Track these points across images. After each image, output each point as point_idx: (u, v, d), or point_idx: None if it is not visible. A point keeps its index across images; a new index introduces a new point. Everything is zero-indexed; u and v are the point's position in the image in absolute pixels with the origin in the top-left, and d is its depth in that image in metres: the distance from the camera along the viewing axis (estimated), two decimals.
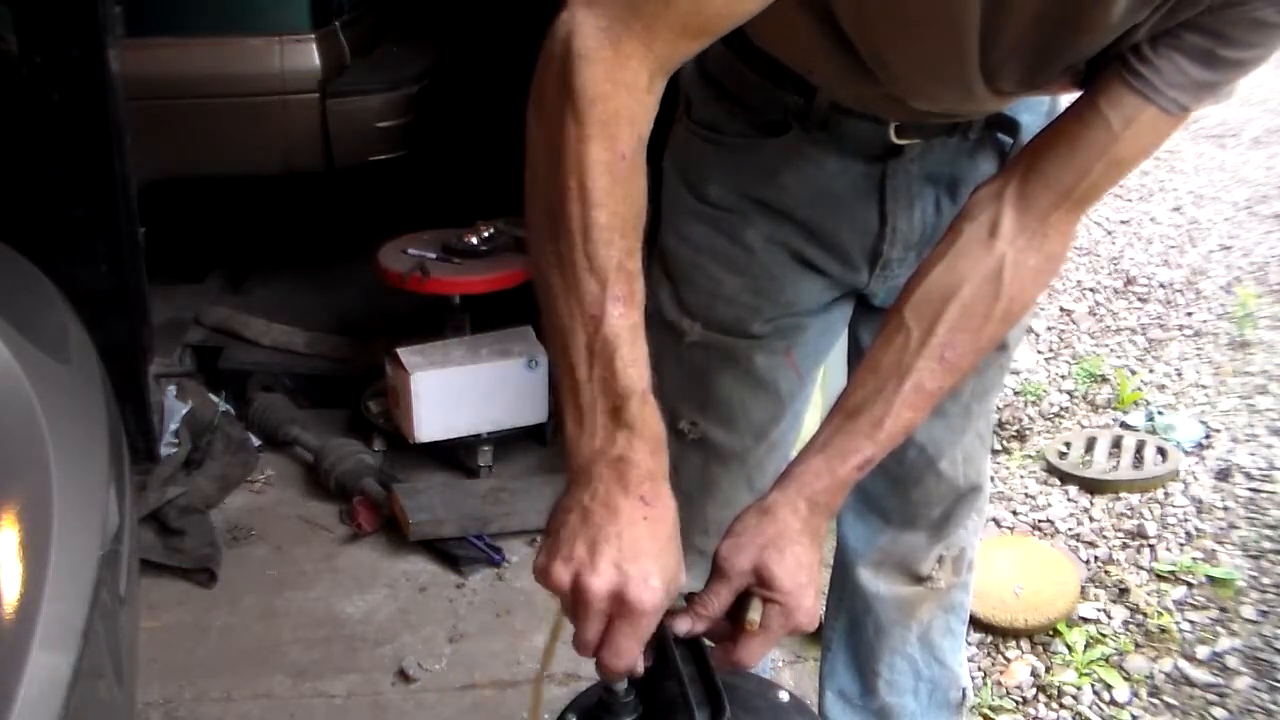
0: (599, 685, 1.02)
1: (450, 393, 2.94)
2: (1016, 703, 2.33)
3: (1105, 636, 2.48)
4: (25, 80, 2.65)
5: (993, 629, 2.49)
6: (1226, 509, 2.90)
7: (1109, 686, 2.34)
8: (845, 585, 1.70)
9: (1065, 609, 2.51)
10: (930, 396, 1.15)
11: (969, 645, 2.36)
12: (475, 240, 3.17)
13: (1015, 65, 1.14)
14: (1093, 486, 3.01)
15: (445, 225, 3.28)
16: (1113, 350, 3.78)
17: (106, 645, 1.23)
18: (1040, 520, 2.90)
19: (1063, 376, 3.62)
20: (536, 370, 2.97)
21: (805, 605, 1.10)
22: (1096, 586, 2.65)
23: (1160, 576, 2.67)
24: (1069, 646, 2.44)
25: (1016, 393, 3.49)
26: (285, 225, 4.10)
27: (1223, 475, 3.04)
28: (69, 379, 1.52)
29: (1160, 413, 3.33)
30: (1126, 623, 2.53)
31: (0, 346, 1.34)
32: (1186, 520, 2.86)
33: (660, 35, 0.96)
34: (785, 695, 1.10)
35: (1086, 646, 2.45)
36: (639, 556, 0.94)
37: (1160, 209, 4.97)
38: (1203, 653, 2.42)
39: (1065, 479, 3.06)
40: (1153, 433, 3.22)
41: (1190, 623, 2.51)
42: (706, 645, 1.07)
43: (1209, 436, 3.22)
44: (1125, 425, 3.30)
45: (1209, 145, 5.65)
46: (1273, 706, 2.27)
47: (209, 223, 3.97)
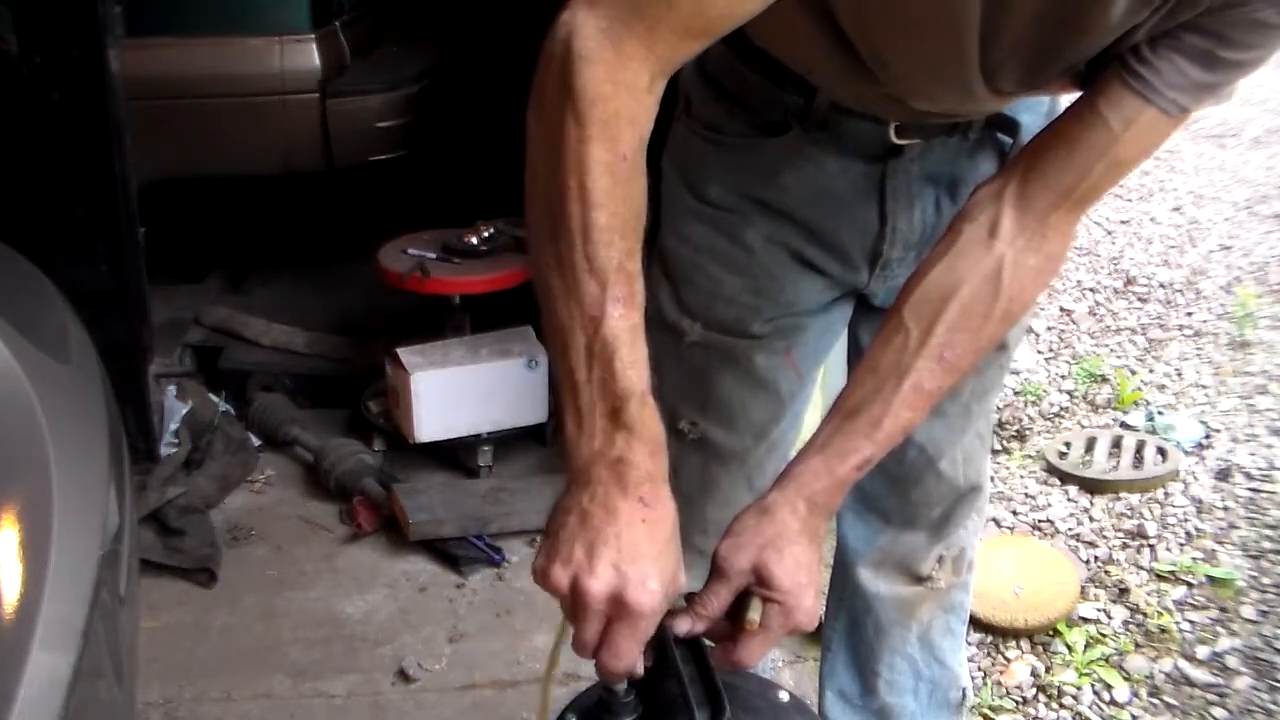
0: (599, 685, 1.02)
1: (450, 393, 2.94)
2: (1016, 703, 2.33)
3: (1105, 636, 2.48)
4: (25, 80, 2.65)
5: (993, 629, 2.48)
6: (1226, 509, 2.90)
7: (1109, 686, 2.34)
8: (845, 585, 1.70)
9: (1065, 609, 2.51)
10: (929, 396, 1.15)
11: (969, 645, 2.36)
12: (475, 240, 3.17)
13: (1015, 65, 1.14)
14: (1093, 486, 3.01)
15: (445, 225, 3.28)
16: (1113, 350, 3.78)
17: (106, 645, 1.23)
18: (1040, 520, 2.90)
19: (1063, 376, 3.62)
20: (536, 370, 2.97)
21: (805, 605, 1.10)
22: (1096, 586, 2.65)
23: (1160, 576, 2.67)
24: (1069, 646, 2.44)
25: (1016, 393, 3.49)
26: (285, 225, 4.10)
27: (1223, 475, 3.04)
28: (69, 379, 1.52)
29: (1160, 413, 3.33)
30: (1126, 623, 2.53)
31: (0, 346, 1.35)
32: (1186, 520, 2.86)
33: (662, 36, 0.96)
34: (785, 695, 1.10)
35: (1086, 646, 2.45)
36: (637, 558, 0.94)
37: (1160, 209, 4.97)
38: (1203, 653, 2.42)
39: (1065, 479, 3.06)
40: (1153, 433, 3.22)
41: (1190, 623, 2.51)
42: (706, 645, 1.07)
43: (1209, 436, 3.22)
44: (1125, 425, 3.30)
45: (1209, 145, 5.65)
46: (1273, 706, 2.27)
47: (209, 223, 3.97)
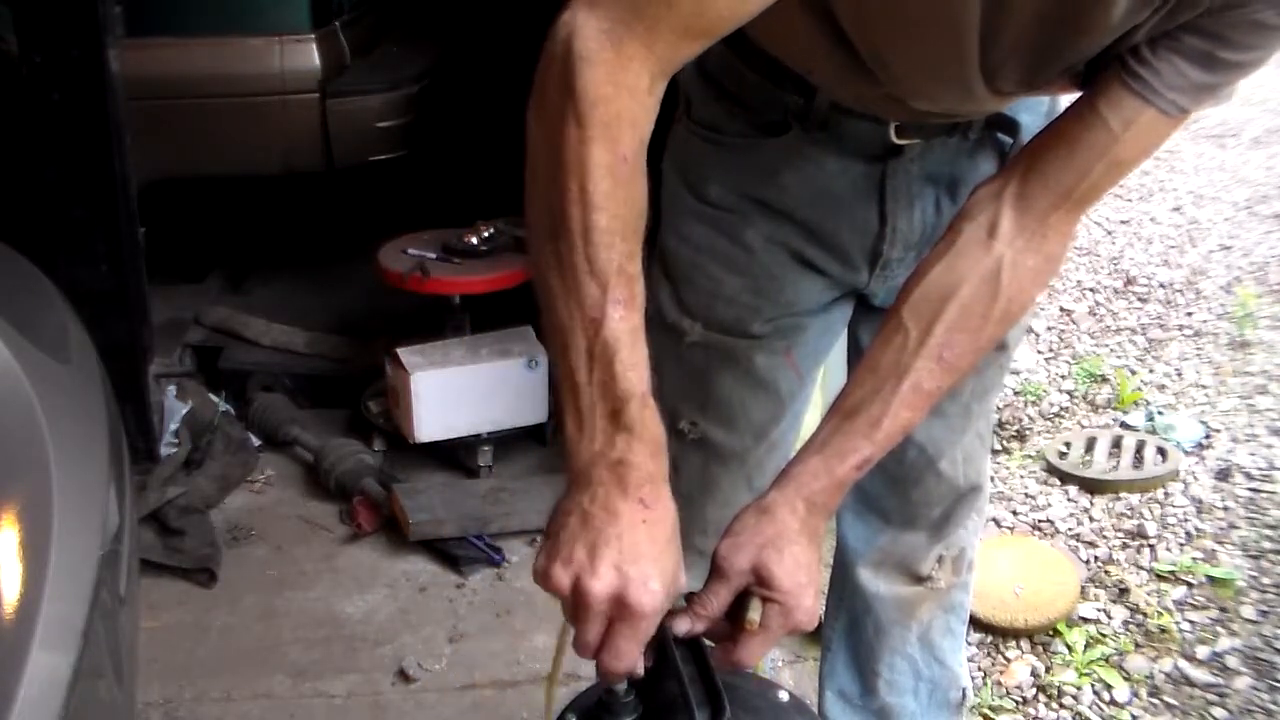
0: (599, 685, 1.02)
1: (450, 393, 2.94)
2: (1016, 703, 2.33)
3: (1105, 636, 2.48)
4: (25, 80, 2.65)
5: (993, 629, 2.49)
6: (1226, 509, 2.90)
7: (1109, 686, 2.34)
8: (845, 585, 1.70)
9: (1065, 609, 2.51)
10: (928, 396, 1.15)
11: (969, 645, 2.36)
12: (475, 240, 3.17)
13: (1015, 65, 1.14)
14: (1093, 486, 3.01)
15: (445, 225, 3.28)
16: (1113, 350, 3.78)
17: (106, 645, 1.23)
18: (1040, 520, 2.90)
19: (1063, 376, 3.62)
20: (536, 370, 2.97)
21: (804, 604, 1.10)
22: (1096, 586, 2.65)
23: (1160, 576, 2.67)
24: (1069, 646, 2.44)
25: (1016, 393, 3.49)
26: (285, 225, 4.10)
27: (1223, 475, 3.04)
28: (69, 379, 1.52)
29: (1160, 413, 3.33)
30: (1126, 623, 2.53)
31: (0, 346, 1.35)
32: (1186, 520, 2.86)
33: (662, 37, 0.96)
34: (785, 695, 1.10)
35: (1086, 646, 2.45)
36: (639, 559, 0.94)
37: (1160, 209, 4.97)
38: (1203, 653, 2.42)
39: (1065, 479, 3.06)
40: (1153, 433, 3.22)
41: (1190, 623, 2.51)
42: (706, 645, 1.07)
43: (1209, 436, 3.22)
44: (1125, 425, 3.30)
45: (1209, 145, 5.65)
46: (1273, 706, 2.27)
47: (209, 223, 3.97)
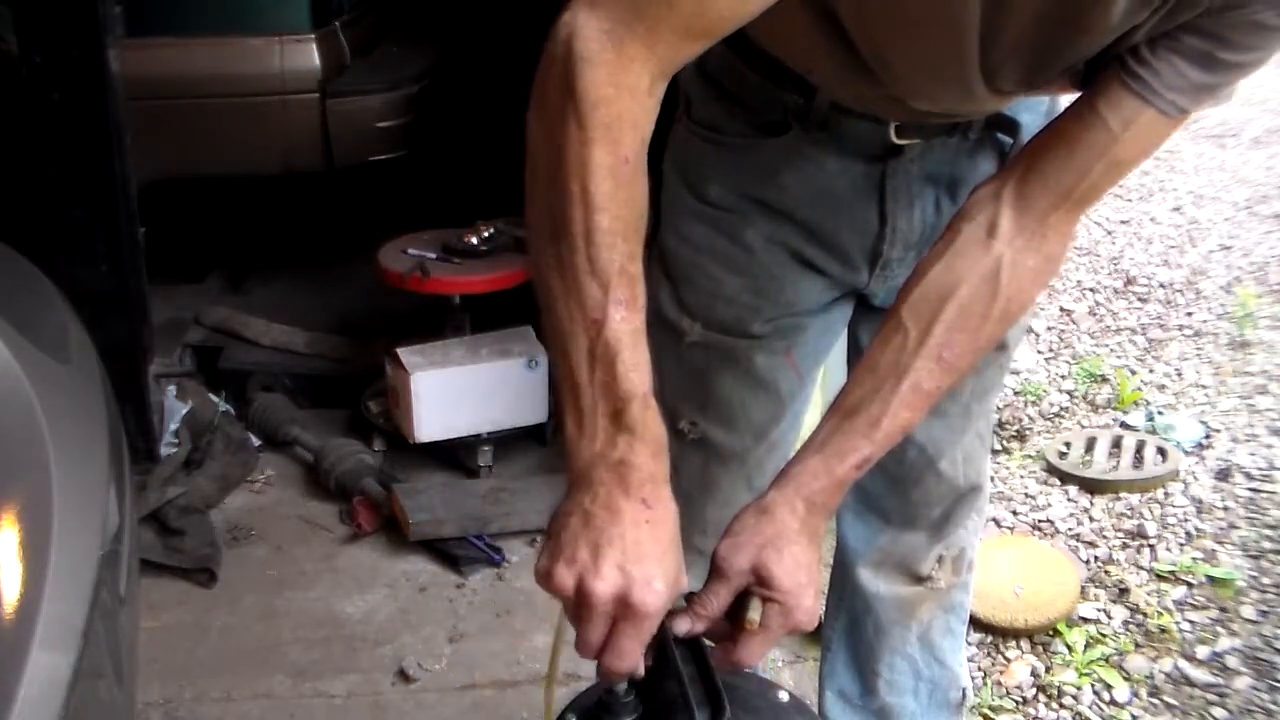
0: (599, 685, 1.02)
1: (450, 393, 2.94)
2: (1016, 703, 2.33)
3: (1105, 636, 2.48)
4: (25, 80, 2.65)
5: (993, 629, 2.49)
6: (1226, 509, 2.90)
7: (1109, 686, 2.34)
8: (845, 585, 1.70)
9: (1065, 609, 2.51)
10: (928, 396, 1.15)
11: (969, 645, 2.36)
12: (475, 240, 3.17)
13: (1015, 65, 1.14)
14: (1093, 486, 3.01)
15: (445, 225, 3.28)
16: (1113, 350, 3.78)
17: (106, 645, 1.23)
18: (1040, 520, 2.90)
19: (1063, 376, 3.62)
20: (536, 370, 2.97)
21: (804, 604, 1.10)
22: (1096, 586, 2.65)
23: (1160, 576, 2.67)
24: (1069, 646, 2.44)
25: (1016, 393, 3.49)
26: (285, 225, 4.10)
27: (1223, 475, 3.04)
28: (69, 379, 1.52)
29: (1160, 413, 3.33)
30: (1126, 623, 2.53)
31: (0, 346, 1.35)
32: (1186, 520, 2.86)
33: (663, 37, 0.96)
34: (785, 695, 1.10)
35: (1086, 646, 2.45)
36: (642, 559, 0.94)
37: (1160, 209, 4.97)
38: (1203, 653, 2.42)
39: (1065, 479, 3.06)
40: (1153, 433, 3.22)
41: (1190, 623, 2.51)
42: (706, 645, 1.07)
43: (1209, 436, 3.22)
44: (1125, 425, 3.30)
45: (1209, 145, 5.65)
46: (1273, 706, 2.27)
47: (209, 223, 3.97)
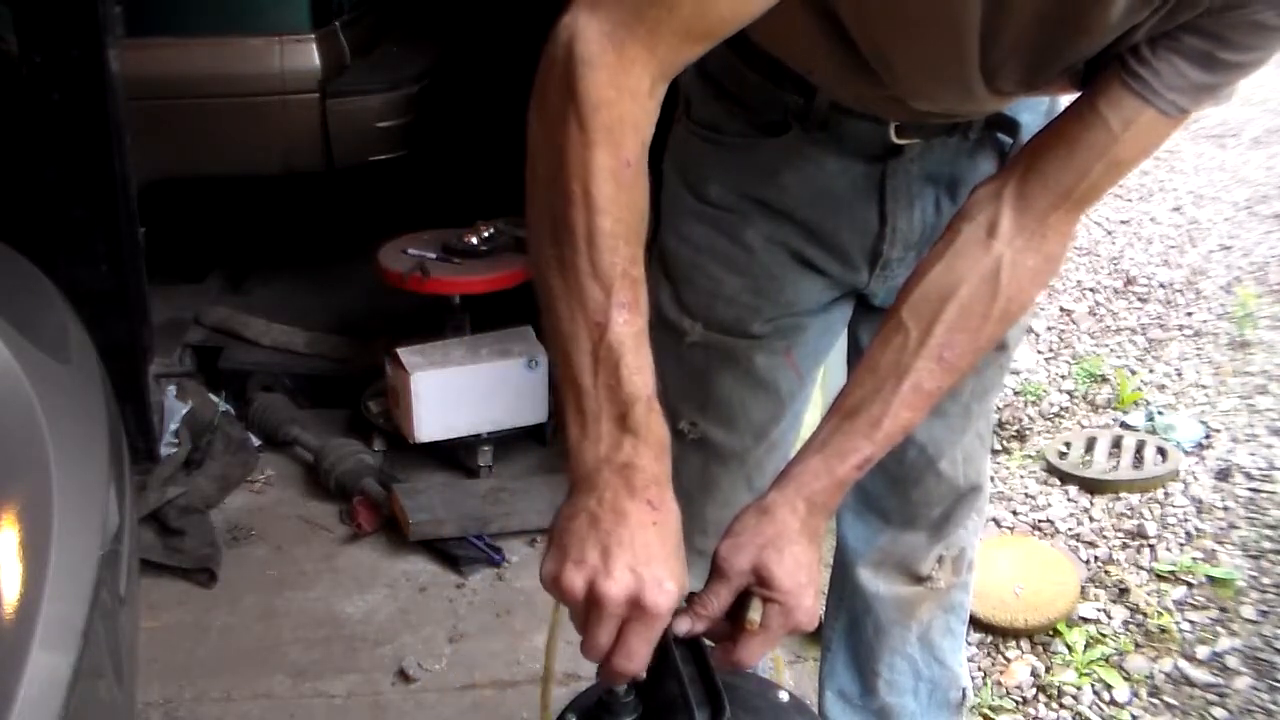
0: (599, 685, 1.02)
1: (450, 393, 2.94)
2: (1016, 703, 2.33)
3: (1105, 636, 2.48)
4: (25, 80, 2.65)
5: (993, 629, 2.48)
6: (1226, 509, 2.90)
7: (1109, 686, 2.34)
8: (845, 585, 1.70)
9: (1065, 609, 2.51)
10: (929, 396, 1.15)
11: (969, 645, 2.36)
12: (475, 240, 3.17)
13: (1015, 65, 1.14)
14: (1093, 486, 3.01)
15: (445, 225, 3.28)
16: (1113, 350, 3.78)
17: (106, 645, 1.23)
18: (1040, 520, 2.90)
19: (1063, 376, 3.62)
20: (536, 370, 2.97)
21: (805, 605, 1.10)
22: (1096, 586, 2.65)
23: (1160, 576, 2.67)
24: (1069, 646, 2.44)
25: (1016, 393, 3.49)
26: (285, 225, 4.10)
27: (1223, 475, 3.04)
28: (69, 379, 1.52)
29: (1160, 413, 3.33)
30: (1126, 623, 2.53)
31: (0, 346, 1.35)
32: (1186, 520, 2.86)
33: (664, 40, 0.96)
34: (785, 695, 1.10)
35: (1086, 646, 2.45)
36: (651, 560, 0.94)
37: (1160, 209, 4.97)
38: (1203, 653, 2.42)
39: (1065, 479, 3.06)
40: (1153, 433, 3.22)
41: (1190, 623, 2.51)
42: (706, 645, 1.07)
43: (1209, 436, 3.22)
44: (1125, 425, 3.30)
45: (1209, 145, 5.65)
46: (1273, 706, 2.27)
47: (209, 223, 3.97)
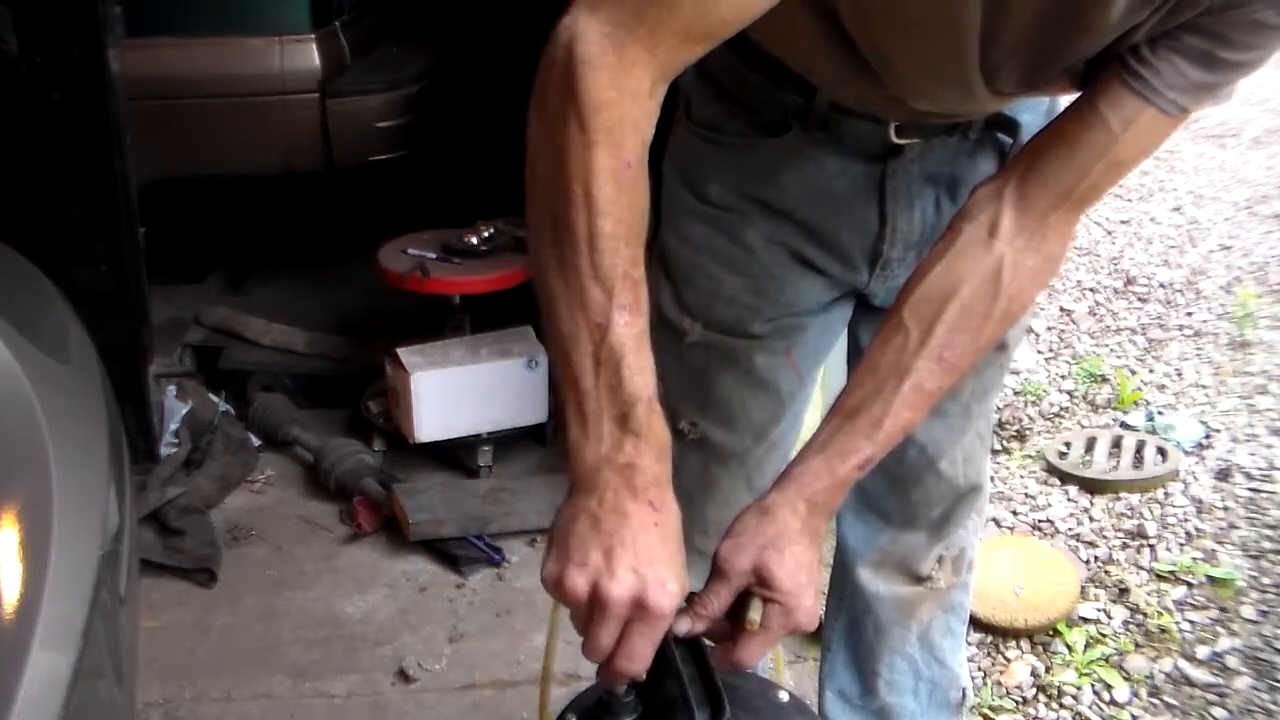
0: (599, 685, 1.02)
1: (450, 393, 2.94)
2: (1016, 703, 2.33)
3: (1105, 636, 2.48)
4: (25, 80, 2.65)
5: (993, 629, 2.48)
6: (1226, 509, 2.90)
7: (1109, 686, 2.34)
8: (845, 585, 1.70)
9: (1065, 609, 2.51)
10: (929, 396, 1.15)
11: (969, 645, 2.36)
12: (475, 240, 3.17)
13: (1015, 65, 1.14)
14: (1093, 486, 3.01)
15: (445, 225, 3.28)
16: (1113, 350, 3.78)
17: (106, 645, 1.23)
18: (1040, 520, 2.90)
19: (1063, 376, 3.62)
20: (536, 370, 2.97)
21: (805, 605, 1.10)
22: (1096, 586, 2.64)
23: (1160, 576, 2.67)
24: (1069, 646, 2.44)
25: (1016, 393, 3.49)
26: (285, 225, 4.10)
27: (1223, 475, 3.04)
28: (69, 379, 1.52)
29: (1160, 413, 3.33)
30: (1126, 623, 2.53)
31: (0, 346, 1.35)
32: (1186, 520, 2.86)
33: (664, 40, 0.95)
34: (785, 695, 1.10)
35: (1086, 646, 2.45)
36: (653, 561, 0.94)
37: (1160, 209, 4.97)
38: (1203, 653, 2.42)
39: (1065, 479, 3.06)
40: (1153, 433, 3.22)
41: (1190, 623, 2.51)
42: (706, 645, 1.07)
43: (1209, 436, 3.22)
44: (1125, 425, 3.30)
45: (1209, 145, 5.65)
46: (1273, 706, 2.27)
47: (209, 223, 3.97)
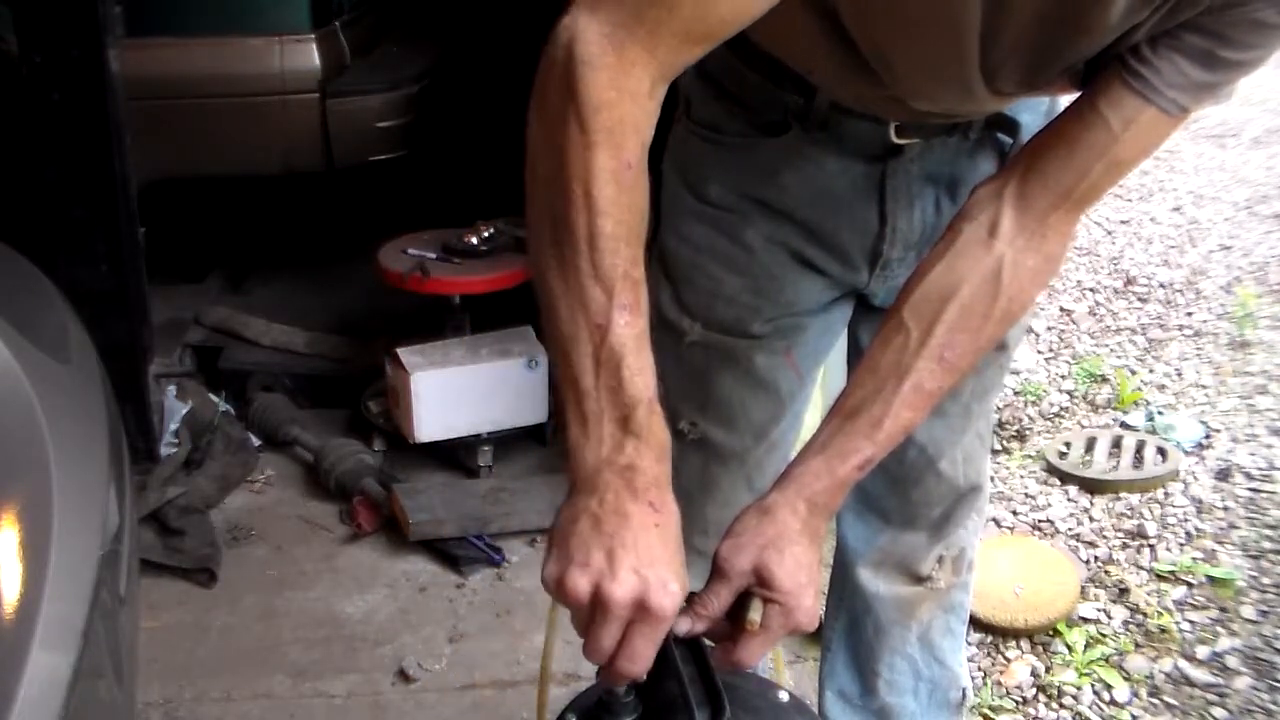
0: (599, 685, 1.02)
1: (450, 393, 2.94)
2: (1016, 703, 2.33)
3: (1105, 636, 2.48)
4: (25, 80, 2.65)
5: (993, 629, 2.48)
6: (1226, 509, 2.90)
7: (1109, 686, 2.34)
8: (845, 585, 1.70)
9: (1065, 609, 2.51)
10: (929, 397, 1.15)
11: (969, 645, 2.36)
12: (475, 240, 3.17)
13: (1015, 65, 1.14)
14: (1093, 486, 3.01)
15: (445, 225, 3.28)
16: (1113, 350, 3.78)
17: (106, 645, 1.23)
18: (1040, 520, 2.90)
19: (1063, 376, 3.62)
20: (536, 370, 2.97)
21: (805, 605, 1.10)
22: (1096, 586, 2.64)
23: (1160, 576, 2.67)
24: (1069, 646, 2.44)
25: (1016, 393, 3.49)
26: (285, 225, 4.10)
27: (1223, 475, 3.04)
28: (69, 379, 1.52)
29: (1160, 413, 3.33)
30: (1126, 623, 2.53)
31: (0, 346, 1.35)
32: (1186, 520, 2.86)
33: (664, 41, 0.95)
34: (785, 695, 1.10)
35: (1086, 646, 2.45)
36: (655, 562, 0.94)
37: (1160, 209, 4.97)
38: (1203, 653, 2.42)
39: (1065, 479, 3.06)
40: (1153, 433, 3.22)
41: (1190, 623, 2.51)
42: (706, 645, 1.07)
43: (1209, 436, 3.22)
44: (1125, 425, 3.30)
45: (1209, 145, 5.65)
46: (1273, 706, 2.27)
47: (209, 223, 3.97)
